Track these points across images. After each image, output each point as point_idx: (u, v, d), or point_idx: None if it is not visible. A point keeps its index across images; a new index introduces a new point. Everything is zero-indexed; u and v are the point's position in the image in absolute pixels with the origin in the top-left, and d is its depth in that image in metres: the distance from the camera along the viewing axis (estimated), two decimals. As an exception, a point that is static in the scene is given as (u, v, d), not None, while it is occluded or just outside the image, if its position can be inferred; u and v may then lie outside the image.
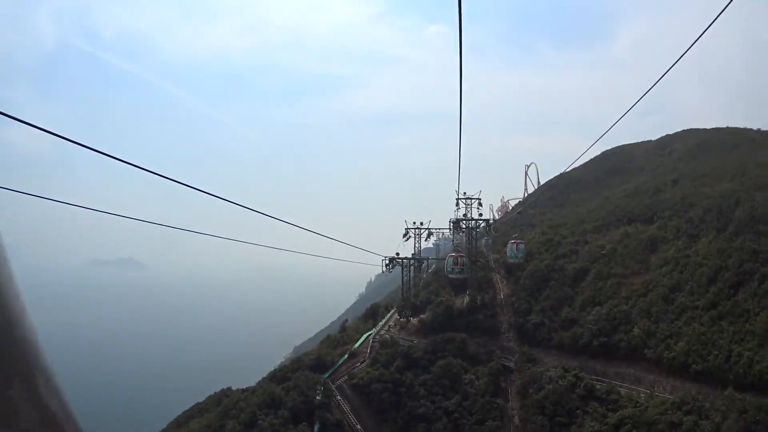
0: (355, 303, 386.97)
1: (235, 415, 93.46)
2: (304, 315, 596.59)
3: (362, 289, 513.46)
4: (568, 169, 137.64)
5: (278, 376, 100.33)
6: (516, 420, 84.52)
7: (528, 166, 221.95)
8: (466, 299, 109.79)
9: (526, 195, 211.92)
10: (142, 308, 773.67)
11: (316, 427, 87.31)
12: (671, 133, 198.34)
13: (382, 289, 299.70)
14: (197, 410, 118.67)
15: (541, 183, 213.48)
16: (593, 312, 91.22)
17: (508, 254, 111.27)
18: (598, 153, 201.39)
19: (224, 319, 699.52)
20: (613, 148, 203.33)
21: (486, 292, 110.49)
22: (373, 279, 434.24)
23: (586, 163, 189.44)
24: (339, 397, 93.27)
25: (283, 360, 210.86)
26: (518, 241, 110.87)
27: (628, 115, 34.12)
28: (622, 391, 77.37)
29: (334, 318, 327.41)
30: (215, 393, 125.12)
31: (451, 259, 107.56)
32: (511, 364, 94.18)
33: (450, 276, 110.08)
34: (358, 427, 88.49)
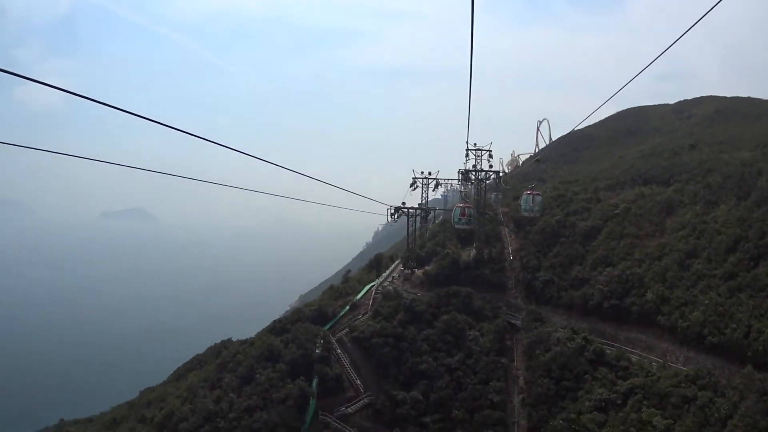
0: (362, 252, 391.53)
1: (233, 368, 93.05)
2: (312, 265, 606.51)
3: (369, 239, 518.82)
4: (581, 126, 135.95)
5: (278, 327, 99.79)
6: (521, 381, 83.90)
7: (540, 122, 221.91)
8: (473, 252, 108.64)
9: (537, 151, 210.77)
10: (153, 259, 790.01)
11: (314, 382, 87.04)
12: (689, 98, 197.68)
13: (389, 239, 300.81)
14: (197, 362, 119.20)
15: (553, 140, 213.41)
16: (605, 272, 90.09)
17: (523, 206, 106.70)
18: (613, 113, 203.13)
19: (233, 269, 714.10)
20: (628, 109, 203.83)
21: (493, 246, 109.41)
22: (380, 229, 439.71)
23: (600, 122, 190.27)
24: (339, 350, 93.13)
25: (288, 309, 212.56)
26: (535, 192, 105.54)
27: (645, 79, 33.43)
28: (633, 358, 76.25)
29: (341, 267, 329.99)
30: (215, 344, 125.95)
31: (458, 210, 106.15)
32: (518, 322, 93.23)
33: (456, 227, 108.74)
34: (358, 382, 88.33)
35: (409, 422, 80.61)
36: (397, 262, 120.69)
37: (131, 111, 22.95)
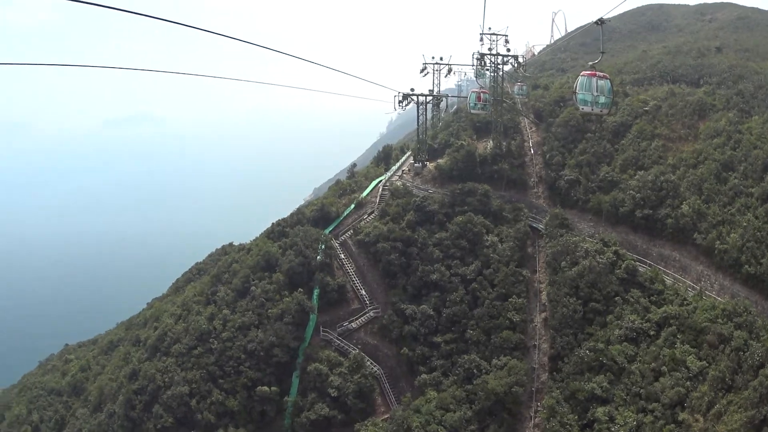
0: (376, 143, 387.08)
1: (228, 279, 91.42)
2: (324, 157, 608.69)
3: (383, 129, 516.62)
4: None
5: (276, 231, 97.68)
6: (543, 297, 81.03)
7: (555, 13, 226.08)
8: (490, 145, 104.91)
9: (552, 42, 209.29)
10: (160, 162, 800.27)
11: (315, 293, 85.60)
12: (709, 2, 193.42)
13: (402, 129, 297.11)
14: (196, 272, 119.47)
15: (569, 31, 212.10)
16: (636, 176, 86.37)
17: (580, 98, 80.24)
18: (632, 8, 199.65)
19: (244, 167, 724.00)
20: (648, 5, 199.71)
21: (513, 139, 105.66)
22: (393, 118, 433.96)
23: (620, 15, 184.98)
24: (342, 256, 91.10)
25: (303, 202, 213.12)
26: (600, 74, 57.05)
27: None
28: (668, 280, 73.67)
29: (355, 158, 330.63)
30: (216, 251, 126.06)
31: (474, 95, 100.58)
32: (541, 227, 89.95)
33: (472, 112, 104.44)
34: (363, 292, 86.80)
35: (419, 341, 79.34)
36: (407, 154, 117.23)
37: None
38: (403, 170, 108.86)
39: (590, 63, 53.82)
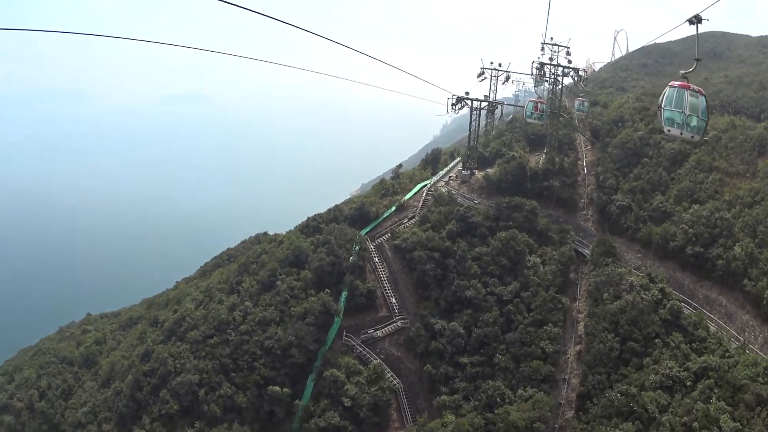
0: (428, 144, 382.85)
1: (255, 270, 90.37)
2: (375, 153, 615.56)
3: (437, 132, 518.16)
4: (662, 41, 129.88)
5: (311, 226, 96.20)
6: (580, 329, 77.66)
7: (617, 32, 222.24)
8: (543, 159, 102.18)
9: (612, 60, 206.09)
10: (213, 143, 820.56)
11: (342, 296, 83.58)
12: None
13: (455, 133, 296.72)
14: (226, 258, 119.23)
15: (630, 51, 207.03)
16: (691, 210, 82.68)
17: (666, 116, 75.93)
18: (694, 34, 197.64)
19: (293, 153, 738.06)
20: (712, 32, 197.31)
21: (566, 155, 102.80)
22: (448, 122, 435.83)
23: (682, 39, 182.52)
24: (376, 259, 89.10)
25: (349, 196, 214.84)
26: (694, 88, 47.21)
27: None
28: (711, 327, 69.93)
29: (406, 157, 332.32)
30: (249, 238, 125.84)
31: (531, 104, 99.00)
32: (586, 252, 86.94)
33: (528, 121, 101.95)
34: (393, 300, 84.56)
35: (444, 359, 76.82)
36: (456, 160, 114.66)
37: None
38: (450, 176, 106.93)
39: (682, 72, 45.98)
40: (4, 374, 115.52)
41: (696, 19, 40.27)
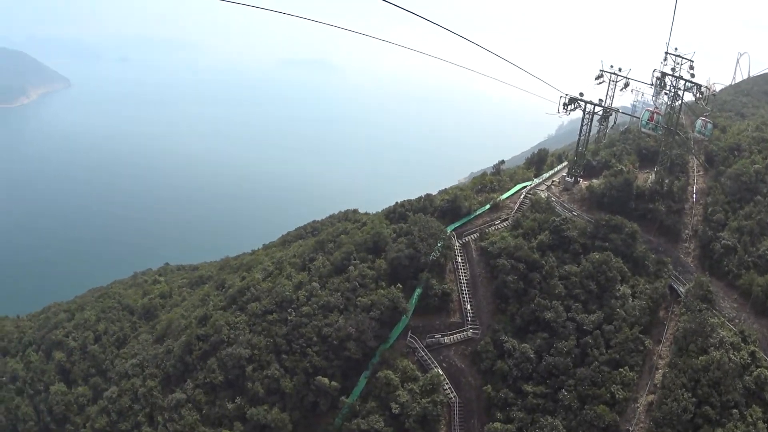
0: (541, 142, 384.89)
1: (331, 250, 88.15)
2: (489, 143, 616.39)
3: (552, 131, 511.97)
4: None
5: (398, 212, 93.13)
6: (658, 377, 70.73)
7: (741, 55, 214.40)
8: (652, 178, 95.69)
9: (733, 84, 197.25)
10: (329, 110, 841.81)
11: (415, 293, 79.89)
12: None
13: (570, 136, 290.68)
14: (310, 229, 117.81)
15: (751, 76, 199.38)
16: None
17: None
18: None
19: (409, 133, 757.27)
20: None
21: (677, 178, 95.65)
22: (565, 122, 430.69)
23: None
24: (460, 259, 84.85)
25: (457, 183, 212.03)
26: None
27: None
28: None
29: (517, 152, 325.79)
30: (338, 213, 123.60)
31: (647, 113, 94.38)
32: (681, 290, 79.40)
33: (643, 131, 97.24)
34: (468, 306, 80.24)
35: (507, 383, 72.17)
36: (563, 164, 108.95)
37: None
38: (553, 181, 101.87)
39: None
40: (67, 311, 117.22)
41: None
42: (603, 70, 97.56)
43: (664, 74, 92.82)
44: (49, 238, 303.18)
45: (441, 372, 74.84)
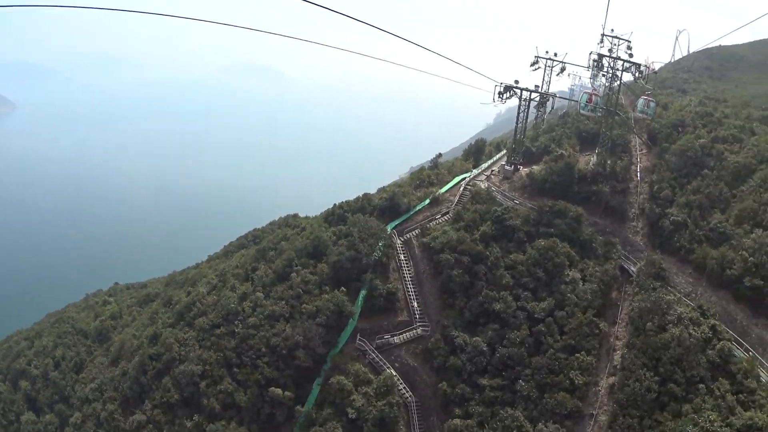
0: (479, 132, 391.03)
1: (273, 258, 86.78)
2: (427, 137, 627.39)
3: (490, 120, 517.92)
4: (728, 44, 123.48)
5: (337, 214, 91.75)
6: (617, 359, 70.15)
7: (680, 32, 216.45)
8: (593, 160, 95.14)
9: (672, 61, 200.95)
10: (268, 117, 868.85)
11: (360, 295, 78.58)
12: None
13: (509, 124, 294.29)
14: (251, 238, 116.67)
15: (690, 53, 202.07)
16: (753, 235, 74.30)
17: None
18: (765, 38, 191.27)
19: (354, 134, 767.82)
20: None
21: (619, 158, 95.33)
22: (503, 111, 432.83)
23: (751, 43, 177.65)
24: (402, 257, 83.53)
25: (397, 178, 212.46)
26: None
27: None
28: (763, 377, 62.46)
29: (456, 144, 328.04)
30: (278, 219, 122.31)
31: (585, 96, 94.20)
32: (633, 270, 78.75)
33: (582, 112, 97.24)
34: (414, 304, 79.04)
35: (462, 378, 71.07)
36: (501, 153, 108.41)
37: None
38: (492, 170, 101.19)
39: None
40: (27, 338, 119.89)
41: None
42: (538, 56, 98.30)
43: (601, 56, 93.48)
44: (0, 264, 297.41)
45: (394, 372, 73.40)
